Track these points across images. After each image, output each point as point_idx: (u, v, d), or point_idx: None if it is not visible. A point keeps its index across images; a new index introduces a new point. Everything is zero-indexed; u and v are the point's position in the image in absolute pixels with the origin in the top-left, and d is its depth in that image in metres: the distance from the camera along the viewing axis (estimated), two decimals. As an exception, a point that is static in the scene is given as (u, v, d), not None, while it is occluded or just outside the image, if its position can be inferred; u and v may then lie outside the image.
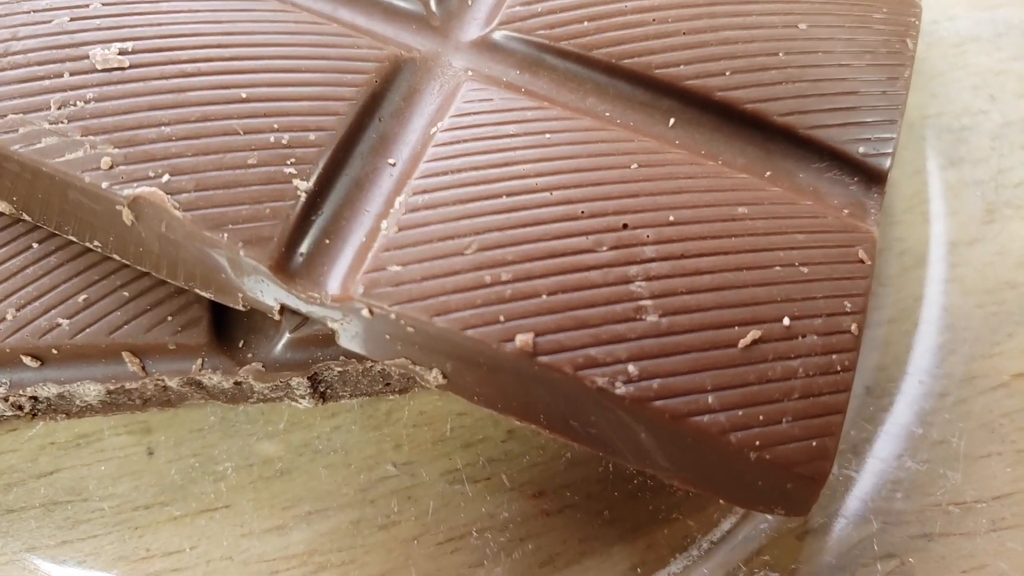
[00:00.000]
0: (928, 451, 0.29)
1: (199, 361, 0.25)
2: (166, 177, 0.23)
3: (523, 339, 0.22)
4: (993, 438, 0.29)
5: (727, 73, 0.26)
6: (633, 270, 0.23)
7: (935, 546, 0.27)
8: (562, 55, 0.27)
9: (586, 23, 0.27)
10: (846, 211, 0.26)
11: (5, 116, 0.24)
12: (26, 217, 0.25)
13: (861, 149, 0.26)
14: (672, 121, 0.26)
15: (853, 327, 0.24)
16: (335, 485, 0.28)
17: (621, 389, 0.22)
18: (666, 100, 0.26)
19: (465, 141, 0.25)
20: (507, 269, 0.23)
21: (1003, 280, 0.31)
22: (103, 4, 0.25)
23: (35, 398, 0.26)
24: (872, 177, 0.26)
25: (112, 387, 0.26)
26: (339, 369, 0.26)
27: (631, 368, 0.22)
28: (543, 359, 0.22)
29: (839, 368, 0.23)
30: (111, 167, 0.23)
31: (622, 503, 0.28)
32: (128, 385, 0.26)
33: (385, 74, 0.26)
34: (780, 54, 0.27)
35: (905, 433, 0.29)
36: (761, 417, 0.22)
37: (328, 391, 0.27)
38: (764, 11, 0.27)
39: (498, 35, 0.27)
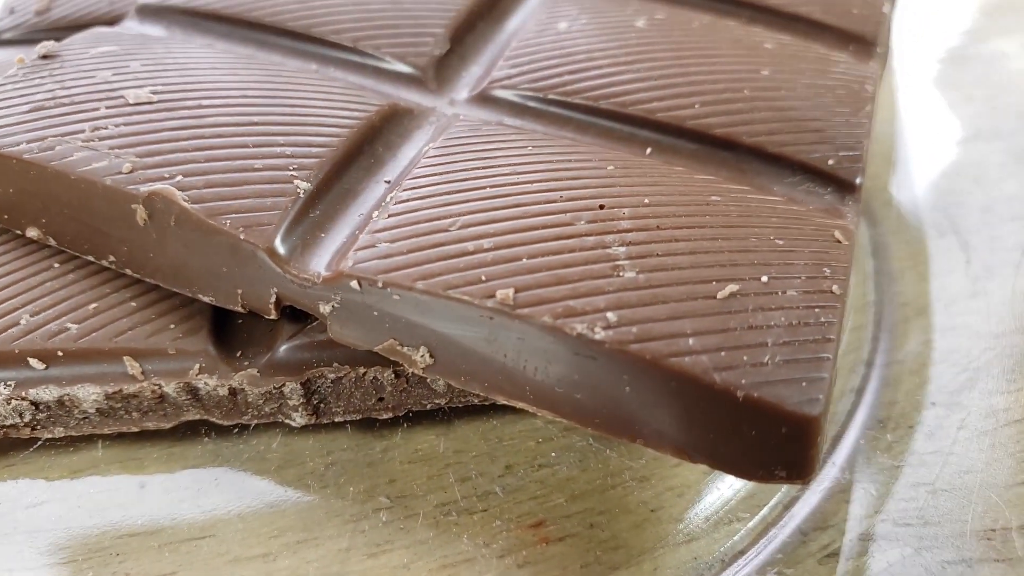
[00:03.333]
0: (955, 479, 0.28)
1: (196, 366, 0.27)
2: (179, 178, 0.26)
3: (504, 293, 0.24)
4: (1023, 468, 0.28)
5: (696, 106, 0.30)
6: (610, 237, 0.25)
7: (976, 572, 0.26)
8: (547, 102, 0.30)
9: (567, 76, 0.31)
10: (823, 214, 0.28)
11: (45, 139, 0.27)
12: (52, 242, 0.28)
13: (831, 162, 0.29)
14: (649, 151, 0.29)
15: (834, 287, 0.25)
16: (326, 516, 0.28)
17: (600, 334, 0.23)
18: (642, 132, 0.30)
19: (453, 153, 0.28)
20: (489, 240, 0.25)
21: (1013, 327, 0.32)
22: (142, 64, 0.30)
23: (36, 405, 0.27)
24: (844, 187, 0.28)
25: (111, 390, 0.27)
26: (332, 376, 0.27)
27: (610, 315, 0.23)
28: (523, 311, 0.23)
29: (822, 319, 0.24)
30: (131, 171, 0.27)
31: (627, 532, 0.27)
32: (126, 389, 0.27)
33: (384, 115, 0.29)
34: (745, 91, 0.30)
35: (928, 462, 0.28)
36: (745, 358, 0.23)
37: (322, 405, 0.28)
38: (729, 60, 0.31)
39: (489, 92, 0.31)
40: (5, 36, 0.37)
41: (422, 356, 0.25)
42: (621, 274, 0.24)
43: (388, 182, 0.28)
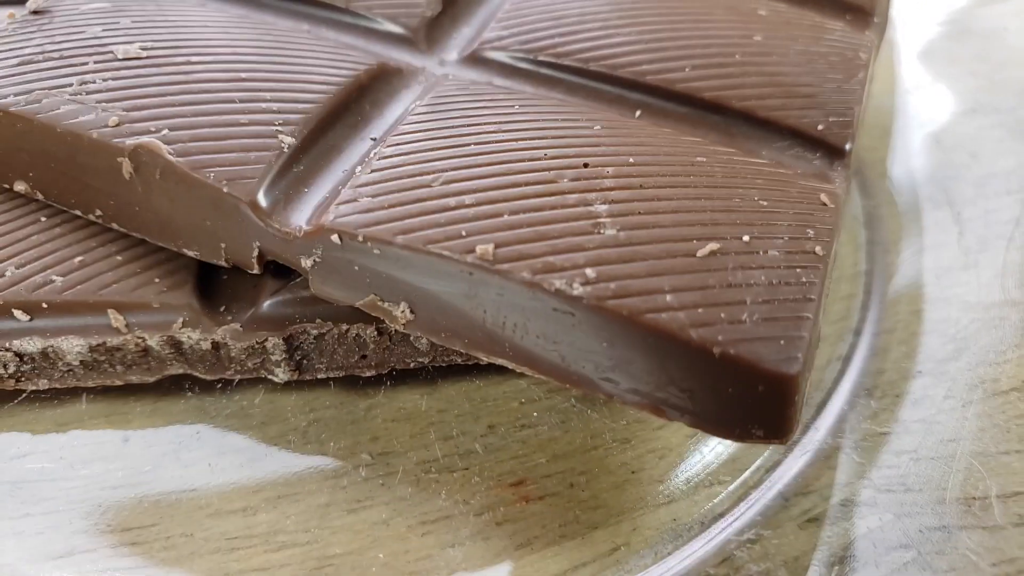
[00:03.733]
0: (938, 448, 0.28)
1: (180, 320, 0.27)
2: (165, 131, 0.26)
3: (483, 248, 0.24)
4: (1009, 438, 0.28)
5: (686, 69, 0.30)
6: (592, 195, 0.25)
7: (955, 539, 0.26)
8: (537, 64, 0.30)
9: (557, 39, 0.31)
10: (810, 178, 0.28)
11: (31, 93, 0.28)
12: (39, 196, 0.29)
13: (820, 127, 0.28)
14: (638, 113, 0.29)
15: (818, 248, 0.25)
16: (308, 472, 0.28)
17: (579, 290, 0.23)
18: (632, 94, 0.30)
19: (440, 111, 0.28)
20: (471, 196, 0.25)
21: (1004, 299, 0.32)
22: (132, 21, 0.30)
23: (20, 356, 0.27)
24: (834, 152, 0.28)
25: (95, 342, 0.27)
26: (315, 332, 0.27)
27: (589, 272, 0.23)
28: (502, 266, 0.23)
29: (804, 280, 0.24)
30: (117, 125, 0.27)
31: (607, 492, 0.27)
32: (110, 342, 0.27)
33: (372, 73, 0.29)
34: (736, 55, 0.30)
35: (912, 430, 0.28)
36: (723, 315, 0.23)
37: (304, 361, 0.28)
38: (722, 25, 0.31)
39: (480, 53, 0.31)
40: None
41: (402, 312, 0.25)
42: (602, 232, 0.24)
43: (374, 139, 0.28)
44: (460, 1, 0.33)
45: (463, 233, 0.24)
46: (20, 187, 0.29)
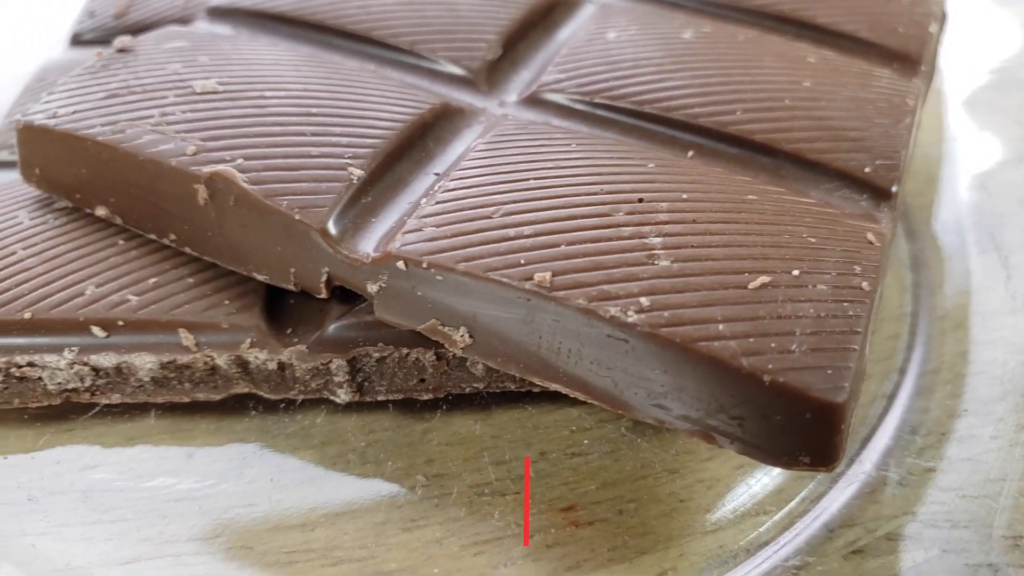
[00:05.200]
0: (985, 486, 0.29)
1: (248, 340, 0.29)
2: (240, 160, 0.28)
3: (541, 276, 0.25)
4: (1055, 480, 0.29)
5: (737, 112, 0.31)
6: (647, 228, 0.26)
7: (1000, 576, 0.27)
8: (593, 105, 0.32)
9: (612, 82, 0.32)
10: (857, 218, 0.29)
11: (116, 123, 0.30)
12: (118, 221, 0.31)
13: (867, 169, 0.30)
14: (691, 153, 0.31)
15: (864, 284, 0.26)
16: (365, 491, 0.29)
17: (633, 317, 0.24)
18: (685, 135, 0.31)
19: (500, 149, 0.29)
20: (529, 227, 0.26)
21: (1052, 344, 0.33)
22: (209, 59, 0.32)
23: (96, 371, 0.29)
24: (880, 194, 0.30)
25: (166, 360, 0.29)
26: (377, 355, 0.29)
27: (643, 300, 0.25)
28: (559, 293, 0.25)
29: (851, 313, 0.25)
30: (195, 153, 0.29)
31: (656, 519, 0.28)
32: (180, 359, 0.29)
33: (436, 112, 0.31)
34: (786, 100, 0.32)
35: (958, 467, 0.29)
36: (773, 344, 0.24)
37: (366, 383, 0.30)
38: (771, 71, 0.33)
39: (538, 95, 0.33)
40: (86, 37, 0.40)
41: (462, 336, 0.27)
42: (656, 262, 0.26)
43: (437, 174, 0.30)
44: (520, 46, 0.35)
45: (522, 261, 0.26)
46: (101, 212, 0.31)
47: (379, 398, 0.30)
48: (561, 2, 0.37)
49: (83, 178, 0.31)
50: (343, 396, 0.30)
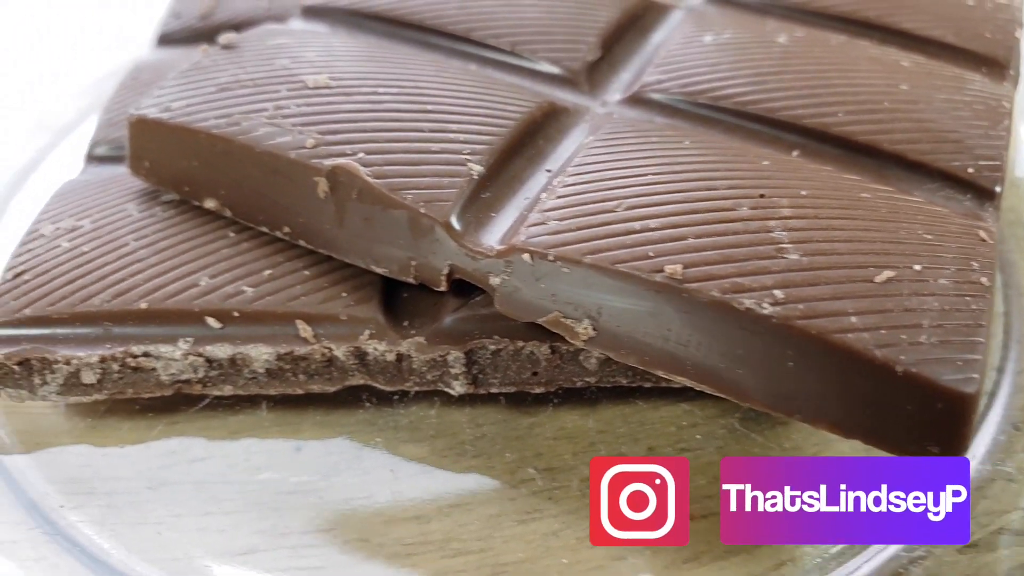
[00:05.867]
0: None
1: (367, 332, 0.29)
2: (361, 154, 0.29)
3: (672, 268, 0.26)
4: None
5: (839, 114, 0.32)
6: (772, 223, 0.27)
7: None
8: (696, 105, 0.33)
9: (715, 83, 0.33)
10: (963, 217, 0.30)
11: (231, 116, 0.30)
12: (228, 213, 0.31)
13: (970, 170, 0.31)
14: (795, 153, 0.32)
15: (983, 279, 0.27)
16: (477, 484, 0.30)
17: (768, 309, 0.25)
18: (788, 136, 0.32)
19: (614, 145, 0.30)
20: (655, 220, 0.27)
21: None
22: (315, 54, 0.33)
23: (210, 362, 0.30)
24: (983, 194, 0.30)
25: (283, 351, 0.29)
26: (492, 348, 0.30)
27: (777, 292, 0.25)
28: (691, 285, 0.26)
29: (974, 307, 0.26)
30: (315, 146, 0.29)
31: (768, 513, 0.29)
32: (297, 351, 0.29)
33: (544, 110, 0.32)
34: (885, 102, 0.32)
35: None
36: (903, 336, 0.25)
37: (480, 375, 0.30)
38: (868, 75, 0.33)
39: (641, 95, 0.33)
40: (173, 37, 0.41)
41: (584, 328, 0.27)
42: (785, 256, 0.26)
43: (549, 171, 0.30)
44: (616, 48, 0.36)
45: (650, 254, 0.26)
46: (210, 204, 0.31)
47: (492, 390, 0.31)
48: (651, 6, 0.38)
49: (194, 170, 0.31)
50: (458, 388, 0.30)
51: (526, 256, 0.27)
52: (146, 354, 0.30)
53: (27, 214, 0.34)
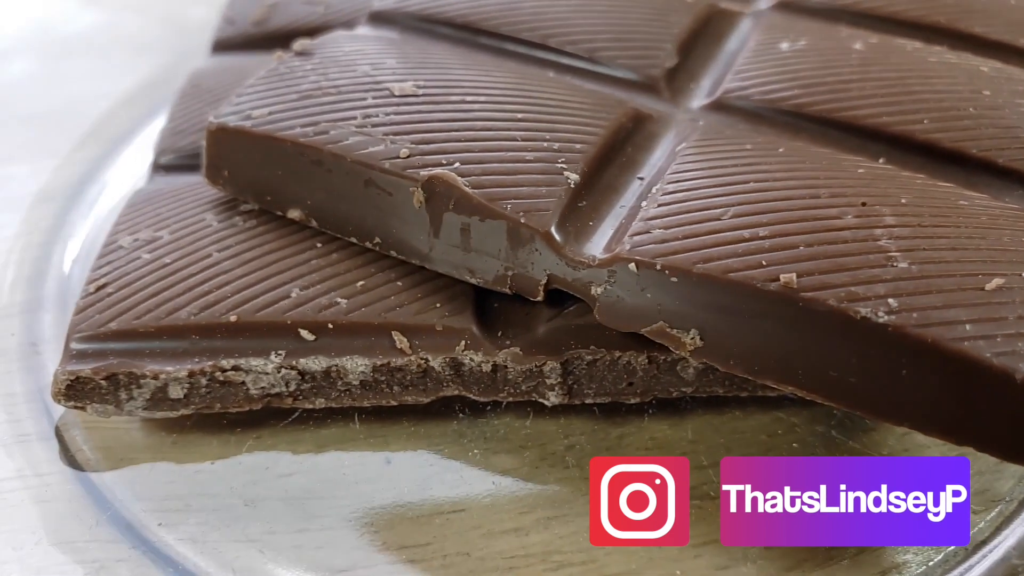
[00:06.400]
0: None
1: (463, 342, 0.29)
2: (457, 164, 0.29)
3: (787, 277, 0.26)
4: None
5: (925, 121, 0.32)
6: (878, 231, 0.27)
7: None
8: (780, 112, 0.33)
9: (797, 90, 0.33)
10: (1054, 225, 0.30)
11: (318, 124, 0.30)
12: (312, 223, 0.31)
13: (1060, 177, 0.31)
14: (882, 160, 0.32)
15: (1089, 290, 0.27)
16: (571, 495, 0.30)
17: (884, 318, 0.25)
18: (875, 144, 0.32)
19: (708, 152, 0.30)
20: (764, 229, 0.27)
21: None
22: (397, 61, 0.33)
23: (303, 375, 0.29)
24: (1074, 202, 0.31)
25: (379, 362, 0.29)
26: (589, 358, 0.30)
27: (891, 301, 0.25)
28: (808, 294, 0.26)
29: (1085, 316, 0.26)
30: (408, 156, 0.29)
31: (867, 522, 0.29)
32: (394, 362, 0.29)
33: (630, 116, 0.32)
34: (970, 108, 0.33)
35: None
36: (1020, 344, 0.25)
37: (575, 386, 0.30)
38: (949, 81, 0.34)
39: (724, 101, 0.33)
40: (229, 44, 0.40)
41: (692, 339, 0.27)
42: (895, 264, 0.26)
43: (641, 178, 0.30)
44: (692, 55, 0.36)
45: (763, 263, 0.26)
46: (294, 214, 0.31)
47: (587, 401, 0.31)
48: (720, 13, 0.38)
49: (277, 180, 0.31)
50: (553, 398, 0.30)
51: (631, 266, 0.27)
52: (236, 368, 0.29)
53: (92, 225, 0.34)
